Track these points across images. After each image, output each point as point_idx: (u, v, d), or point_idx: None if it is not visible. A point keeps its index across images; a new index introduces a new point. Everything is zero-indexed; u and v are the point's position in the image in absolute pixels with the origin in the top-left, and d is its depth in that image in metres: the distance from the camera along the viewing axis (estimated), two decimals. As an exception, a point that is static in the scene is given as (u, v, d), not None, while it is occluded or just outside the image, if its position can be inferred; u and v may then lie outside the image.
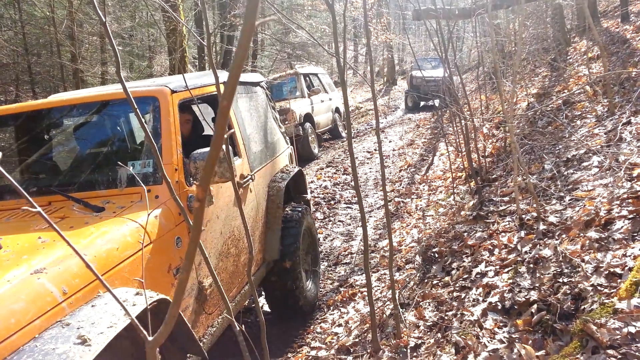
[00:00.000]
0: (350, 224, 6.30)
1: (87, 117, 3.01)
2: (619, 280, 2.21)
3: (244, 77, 4.10)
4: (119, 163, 2.41)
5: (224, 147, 2.39)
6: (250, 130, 3.70)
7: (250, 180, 3.41)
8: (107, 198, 2.46)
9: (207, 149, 2.43)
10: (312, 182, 8.54)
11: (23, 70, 11.02)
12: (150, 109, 2.64)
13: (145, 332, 0.73)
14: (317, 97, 11.59)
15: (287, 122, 9.74)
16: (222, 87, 3.34)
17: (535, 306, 2.42)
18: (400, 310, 3.11)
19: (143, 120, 1.50)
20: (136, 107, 1.41)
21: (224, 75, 3.59)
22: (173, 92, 2.73)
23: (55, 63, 10.97)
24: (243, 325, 1.92)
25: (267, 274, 3.76)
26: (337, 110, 12.93)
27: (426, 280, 3.52)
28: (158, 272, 2.22)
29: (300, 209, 4.02)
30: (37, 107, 2.96)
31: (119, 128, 3.06)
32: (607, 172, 3.33)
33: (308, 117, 10.64)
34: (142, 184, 1.85)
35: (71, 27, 10.08)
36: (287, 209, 3.93)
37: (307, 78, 11.93)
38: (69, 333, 1.53)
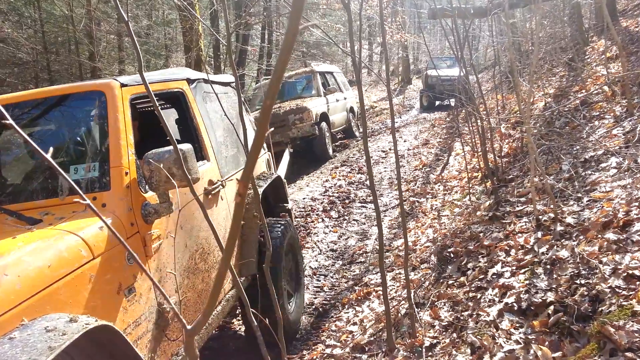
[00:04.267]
0: (365, 223, 6.31)
1: (24, 117, 2.64)
2: (637, 283, 2.20)
3: (215, 77, 3.91)
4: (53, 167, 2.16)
5: (188, 146, 2.26)
6: (220, 133, 3.44)
7: (221, 187, 3.17)
8: (46, 209, 2.15)
9: (163, 149, 2.19)
10: (326, 180, 8.58)
11: (42, 68, 11.21)
12: (96, 105, 2.37)
13: (184, 321, 0.76)
14: (333, 97, 11.52)
15: (303, 121, 9.75)
16: (183, 84, 3.11)
17: (552, 307, 2.41)
18: (416, 309, 3.12)
19: (91, 118, 1.31)
20: (81, 103, 1.27)
21: (187, 73, 3.35)
22: (123, 85, 2.45)
23: (74, 61, 11.14)
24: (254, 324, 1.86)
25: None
26: (351, 109, 12.87)
27: (441, 280, 3.52)
28: (104, 293, 1.90)
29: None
30: None
31: (60, 129, 2.69)
32: (626, 173, 3.30)
33: (324, 117, 10.60)
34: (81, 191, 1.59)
35: (89, 26, 10.24)
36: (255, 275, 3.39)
37: (323, 77, 11.90)
38: None
